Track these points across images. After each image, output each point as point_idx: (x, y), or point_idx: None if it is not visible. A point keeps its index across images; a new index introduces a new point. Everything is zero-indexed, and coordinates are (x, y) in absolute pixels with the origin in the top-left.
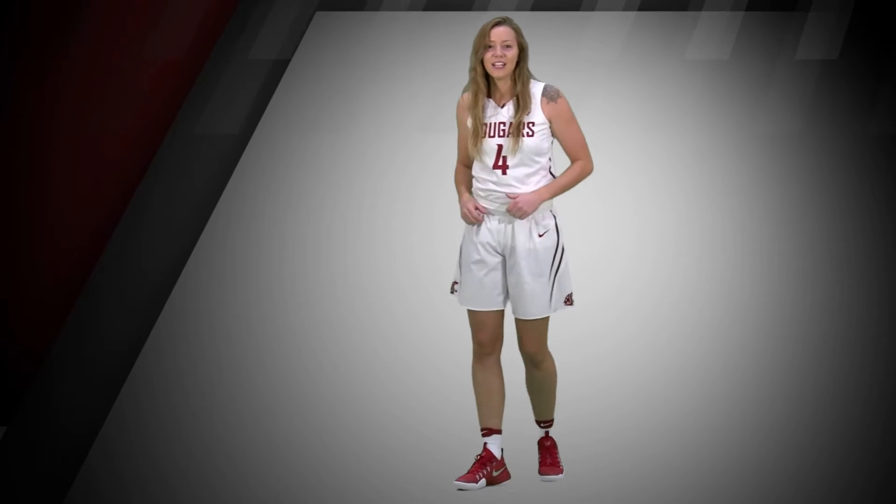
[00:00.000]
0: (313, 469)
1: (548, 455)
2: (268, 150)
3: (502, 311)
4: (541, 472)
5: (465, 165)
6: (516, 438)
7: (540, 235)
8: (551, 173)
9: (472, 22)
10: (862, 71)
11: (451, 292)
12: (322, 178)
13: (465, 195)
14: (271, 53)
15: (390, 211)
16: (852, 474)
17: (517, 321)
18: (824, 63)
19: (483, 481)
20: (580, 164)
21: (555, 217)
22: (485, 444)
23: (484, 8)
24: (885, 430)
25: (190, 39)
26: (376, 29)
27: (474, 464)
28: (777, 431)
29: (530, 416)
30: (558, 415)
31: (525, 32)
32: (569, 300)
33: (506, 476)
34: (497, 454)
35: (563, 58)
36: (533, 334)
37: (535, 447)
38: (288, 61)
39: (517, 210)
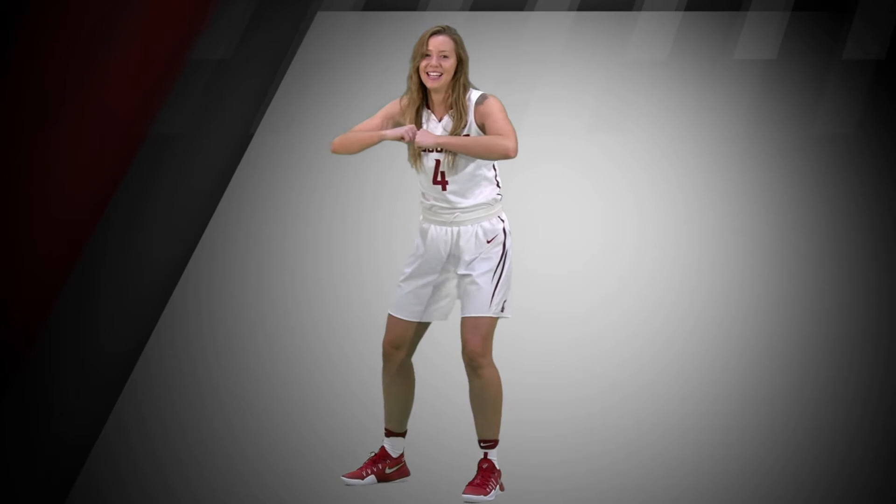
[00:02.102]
0: (314, 469)
1: (479, 476)
2: (268, 150)
3: (415, 324)
4: (464, 492)
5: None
6: (513, 438)
7: (488, 241)
8: (497, 185)
9: (484, 22)
10: None
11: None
12: (323, 177)
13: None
14: (273, 53)
15: (391, 211)
16: (852, 474)
17: (461, 322)
18: (875, 63)
19: (372, 478)
20: (498, 137)
21: (503, 221)
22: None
23: (532, 8)
24: (885, 430)
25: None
26: (378, 29)
27: (366, 461)
28: (777, 431)
29: (525, 418)
30: (560, 414)
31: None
32: (504, 308)
33: (403, 473)
34: (393, 453)
35: (613, 57)
36: (475, 333)
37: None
38: (290, 61)
39: (414, 136)
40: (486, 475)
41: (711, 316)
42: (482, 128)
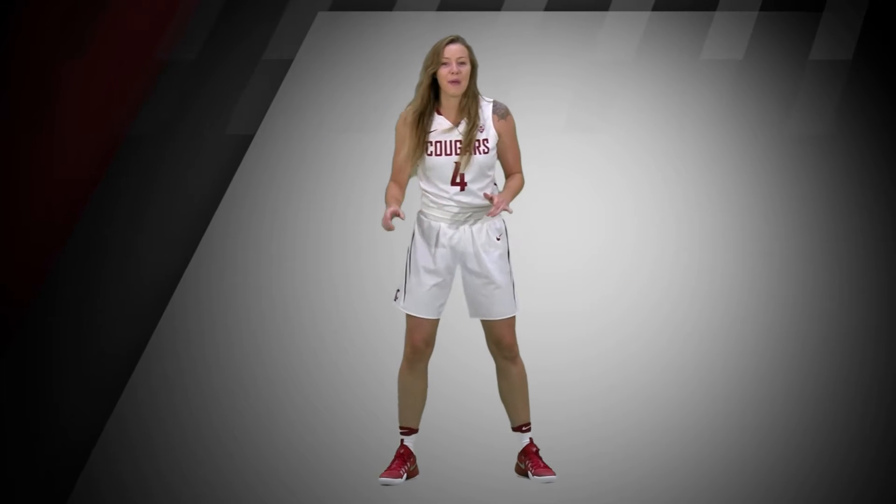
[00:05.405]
0: (314, 469)
1: (539, 458)
2: (269, 150)
3: (437, 320)
4: (536, 474)
5: (396, 182)
6: (514, 439)
7: (497, 239)
8: (494, 183)
9: (481, 22)
10: None
11: (395, 300)
12: (322, 177)
13: (393, 206)
14: (274, 53)
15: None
16: (852, 474)
17: (489, 323)
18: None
19: (405, 476)
20: (520, 176)
21: (504, 221)
22: (402, 440)
23: (605, 7)
24: (885, 430)
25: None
26: (378, 29)
27: (395, 460)
28: (777, 431)
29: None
30: (560, 414)
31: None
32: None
33: (416, 472)
34: (414, 451)
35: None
36: (507, 330)
37: (525, 447)
38: (291, 61)
39: (502, 208)
40: (540, 457)
41: (711, 316)
42: (499, 139)
